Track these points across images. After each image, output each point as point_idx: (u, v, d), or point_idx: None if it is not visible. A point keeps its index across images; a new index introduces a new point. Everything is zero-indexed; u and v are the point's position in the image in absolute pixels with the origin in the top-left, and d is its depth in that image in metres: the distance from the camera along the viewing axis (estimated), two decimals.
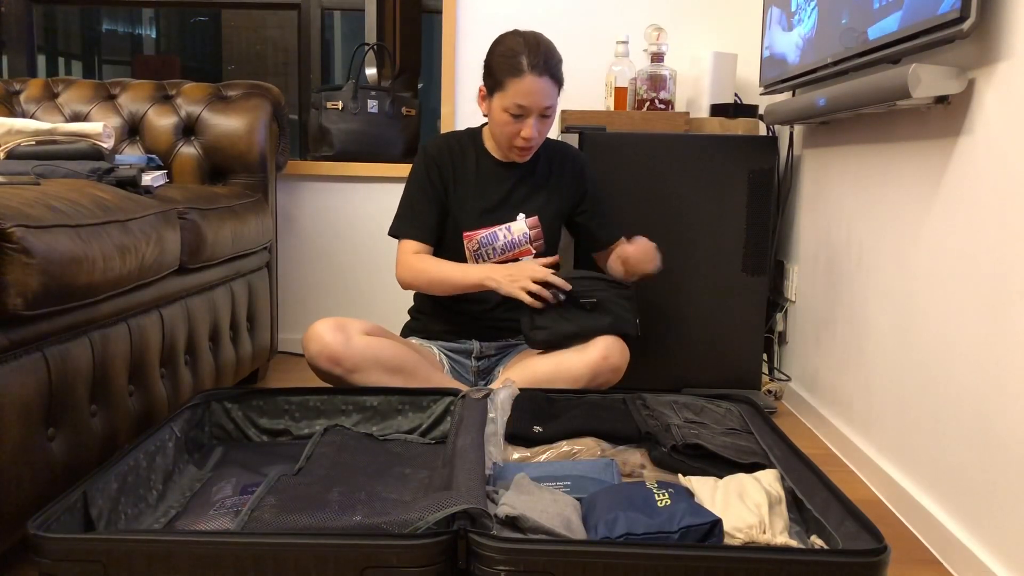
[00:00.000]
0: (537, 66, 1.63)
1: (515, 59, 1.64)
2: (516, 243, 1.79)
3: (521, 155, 1.75)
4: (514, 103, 1.65)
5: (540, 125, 1.70)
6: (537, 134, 1.69)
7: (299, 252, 2.63)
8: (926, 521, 1.40)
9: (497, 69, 1.67)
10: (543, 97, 1.65)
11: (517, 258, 1.79)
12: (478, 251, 1.78)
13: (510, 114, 1.67)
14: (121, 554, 0.95)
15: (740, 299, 2.13)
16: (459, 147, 1.82)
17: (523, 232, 1.79)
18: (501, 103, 1.67)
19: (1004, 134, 1.22)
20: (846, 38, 1.63)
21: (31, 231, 1.10)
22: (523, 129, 1.68)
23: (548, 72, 1.65)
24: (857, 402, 1.75)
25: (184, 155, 2.19)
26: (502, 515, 1.06)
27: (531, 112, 1.66)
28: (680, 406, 1.54)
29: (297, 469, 1.31)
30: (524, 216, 1.79)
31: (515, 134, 1.70)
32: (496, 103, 1.69)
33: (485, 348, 1.84)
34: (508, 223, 1.79)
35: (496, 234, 1.78)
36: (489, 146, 1.82)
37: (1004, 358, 1.20)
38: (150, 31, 4.40)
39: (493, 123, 1.73)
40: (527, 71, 1.63)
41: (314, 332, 1.63)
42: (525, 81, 1.63)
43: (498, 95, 1.68)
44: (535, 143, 1.72)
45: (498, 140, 1.75)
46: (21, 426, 1.10)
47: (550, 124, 1.73)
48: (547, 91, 1.66)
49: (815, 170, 2.09)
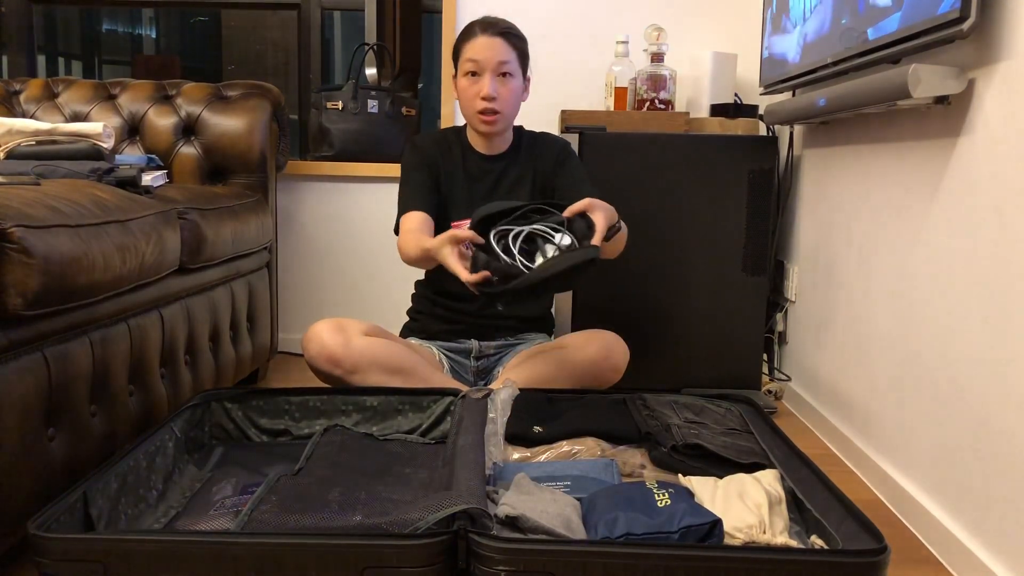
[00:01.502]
0: (488, 28, 1.71)
1: (470, 28, 1.74)
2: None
3: (487, 123, 1.73)
4: (468, 59, 1.70)
5: (500, 87, 1.71)
6: (495, 93, 1.70)
7: (299, 252, 2.63)
8: (926, 521, 1.40)
9: (455, 44, 1.75)
10: (495, 52, 1.69)
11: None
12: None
13: (468, 76, 1.71)
14: (121, 554, 0.95)
15: (740, 299, 2.13)
16: (445, 143, 1.84)
17: None
18: (461, 69, 1.73)
19: (1004, 134, 1.22)
20: (846, 38, 1.63)
21: (31, 231, 1.10)
22: (481, 88, 1.70)
23: (500, 33, 1.71)
24: (857, 402, 1.75)
25: (184, 155, 2.19)
26: (502, 515, 1.06)
27: (485, 68, 1.69)
28: (680, 406, 1.54)
29: (297, 469, 1.31)
30: None
31: (475, 96, 1.71)
32: (458, 74, 1.74)
33: (484, 348, 1.84)
34: None
35: None
36: (472, 140, 1.83)
37: (1004, 358, 1.20)
38: (150, 31, 4.40)
39: (459, 97, 1.76)
40: (479, 32, 1.71)
41: (313, 333, 1.63)
42: (477, 40, 1.71)
43: (458, 66, 1.74)
44: (498, 106, 1.71)
45: (465, 112, 1.76)
46: (21, 426, 1.10)
47: (512, 90, 1.73)
48: (499, 48, 1.70)
49: (815, 170, 2.09)
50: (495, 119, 1.73)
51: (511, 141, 1.84)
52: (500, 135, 1.80)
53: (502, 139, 1.83)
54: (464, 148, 1.84)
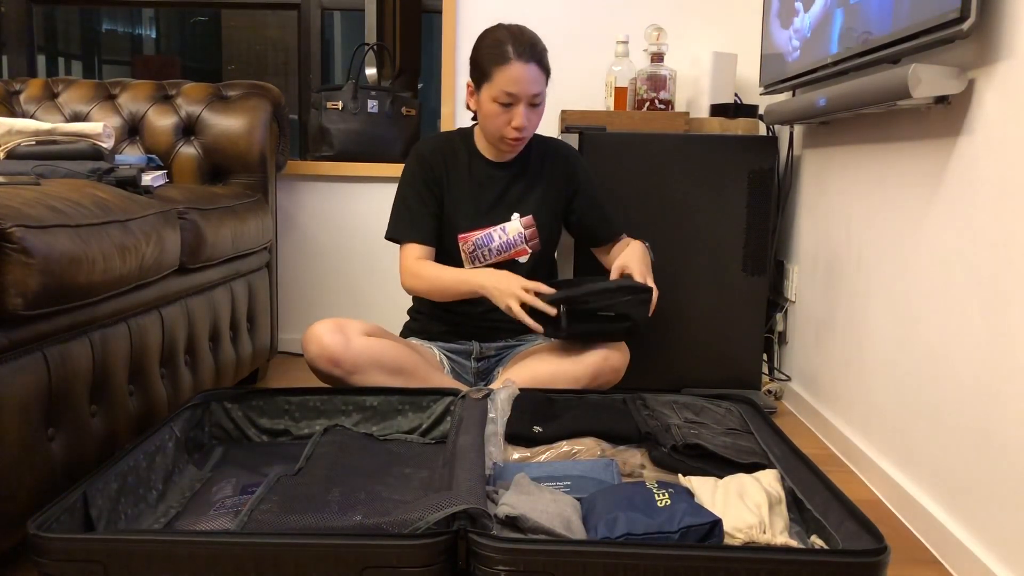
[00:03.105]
0: (523, 53, 1.63)
1: (501, 48, 1.64)
2: (511, 243, 1.78)
3: (512, 147, 1.73)
4: (502, 91, 1.64)
5: (530, 114, 1.68)
6: (527, 123, 1.68)
7: (299, 252, 2.63)
8: (926, 521, 1.40)
9: (484, 60, 1.66)
10: (531, 84, 1.65)
11: (514, 259, 1.79)
12: (473, 253, 1.78)
13: (499, 104, 1.66)
14: (121, 554, 0.95)
15: (740, 299, 2.13)
16: (451, 148, 1.80)
17: (518, 232, 1.78)
18: (490, 94, 1.66)
19: (1004, 134, 1.22)
20: (846, 38, 1.63)
21: (31, 231, 1.10)
22: (513, 118, 1.66)
23: (535, 59, 1.65)
24: (857, 402, 1.75)
25: (184, 155, 2.19)
26: (502, 515, 1.06)
27: (520, 99, 1.65)
28: (680, 406, 1.54)
29: (297, 469, 1.31)
30: (519, 216, 1.79)
31: (505, 124, 1.68)
32: (485, 95, 1.68)
33: (485, 349, 1.84)
34: (503, 224, 1.78)
35: (491, 235, 1.77)
36: (480, 146, 1.80)
37: (1004, 358, 1.20)
38: (150, 31, 4.40)
39: (483, 117, 1.71)
40: (514, 58, 1.63)
41: (313, 333, 1.62)
42: (512, 68, 1.63)
43: (486, 87, 1.67)
44: (526, 134, 1.70)
45: (489, 134, 1.73)
46: (21, 426, 1.10)
47: (540, 114, 1.72)
48: (535, 77, 1.65)
49: (815, 170, 2.09)
50: (520, 145, 1.73)
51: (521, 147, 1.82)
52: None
53: None
54: (471, 154, 1.80)
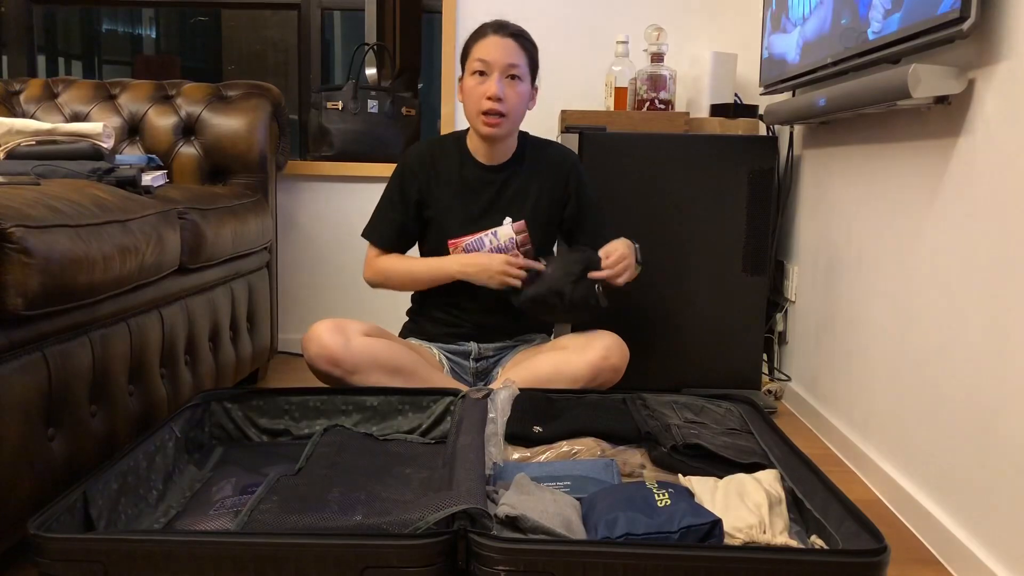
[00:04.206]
0: (500, 29, 1.70)
1: (480, 28, 1.72)
2: (503, 248, 1.75)
3: (489, 123, 1.69)
4: (477, 59, 1.68)
5: (507, 88, 1.68)
6: (502, 95, 1.67)
7: (299, 252, 2.63)
8: (926, 521, 1.40)
9: (465, 45, 1.74)
10: (505, 53, 1.67)
11: None
12: None
13: (476, 74, 1.69)
14: (121, 554, 0.95)
15: (740, 299, 2.13)
16: (442, 153, 1.79)
17: (509, 237, 1.75)
18: (468, 68, 1.71)
19: (1004, 134, 1.22)
20: (846, 38, 1.63)
21: (31, 231, 1.10)
22: (486, 87, 1.67)
23: (511, 35, 1.69)
24: (857, 402, 1.75)
25: (184, 155, 2.19)
26: (502, 515, 1.06)
27: (493, 68, 1.67)
28: (680, 406, 1.54)
29: (297, 469, 1.31)
30: (511, 221, 1.76)
31: (481, 96, 1.68)
32: (466, 74, 1.72)
33: (483, 350, 1.84)
34: (494, 228, 1.76)
35: (482, 240, 1.75)
36: (472, 147, 1.79)
37: (1004, 358, 1.20)
38: (150, 31, 4.40)
39: (464, 98, 1.74)
40: (490, 33, 1.70)
41: (313, 334, 1.62)
42: (488, 40, 1.69)
43: (467, 65, 1.72)
44: (504, 108, 1.68)
45: (469, 113, 1.73)
46: (21, 426, 1.10)
47: (521, 94, 1.70)
48: (510, 49, 1.68)
49: (815, 170, 2.09)
50: (499, 122, 1.69)
51: (514, 150, 1.79)
52: (502, 140, 1.76)
53: (504, 147, 1.77)
54: (463, 156, 1.79)
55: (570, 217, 1.82)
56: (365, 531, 1.05)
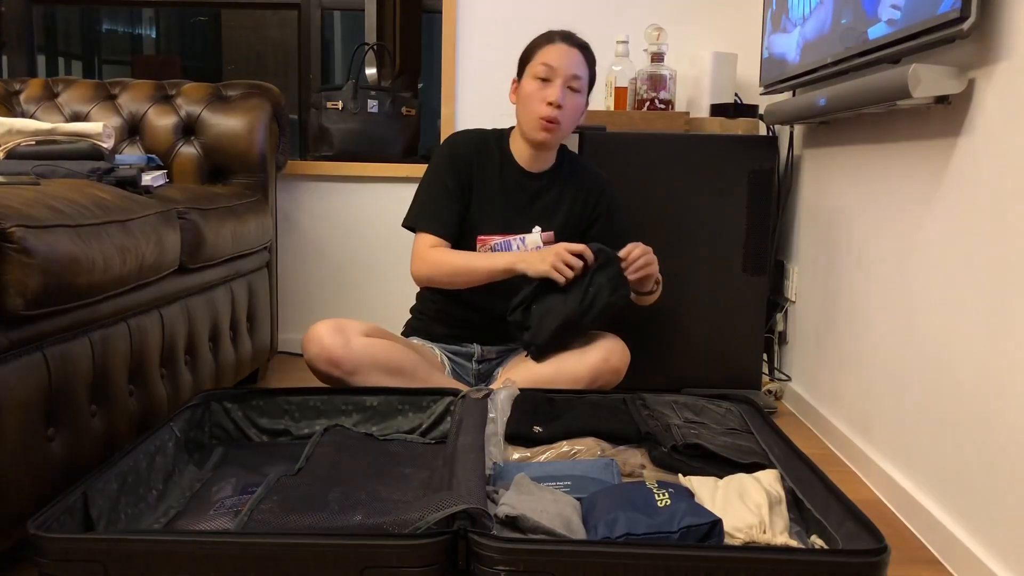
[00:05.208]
0: (567, 38, 1.70)
1: (547, 34, 1.72)
2: None
3: (546, 129, 1.68)
4: (542, 63, 1.67)
5: (567, 98, 1.67)
6: (563, 103, 1.66)
7: (299, 252, 2.63)
8: (926, 521, 1.40)
9: (529, 47, 1.73)
10: (571, 63, 1.67)
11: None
12: None
13: (538, 79, 1.67)
14: (121, 554, 0.95)
15: (740, 299, 2.13)
16: (486, 147, 1.78)
17: (536, 246, 1.75)
18: (531, 72, 1.69)
19: (1004, 134, 1.22)
20: (846, 38, 1.63)
21: (31, 231, 1.10)
22: (549, 93, 1.66)
23: (578, 46, 1.70)
24: (857, 402, 1.75)
25: (184, 155, 2.19)
26: (502, 515, 1.06)
27: (558, 74, 1.66)
28: (680, 406, 1.54)
29: (297, 469, 1.31)
30: (540, 230, 1.77)
31: (541, 101, 1.66)
32: (526, 76, 1.71)
33: (486, 352, 1.84)
34: (523, 234, 1.76)
35: (510, 243, 1.75)
36: (515, 150, 1.78)
37: (1004, 358, 1.20)
38: (150, 31, 4.40)
39: (521, 100, 1.71)
40: (557, 39, 1.69)
41: (313, 334, 1.62)
42: (555, 46, 1.69)
43: (528, 68, 1.71)
44: (562, 119, 1.67)
45: (525, 117, 1.70)
46: (21, 426, 1.10)
47: (578, 108, 1.71)
48: (575, 59, 1.68)
49: (815, 170, 2.09)
50: (555, 128, 1.68)
51: (553, 161, 1.80)
52: (550, 149, 1.76)
53: (547, 156, 1.78)
54: (504, 156, 1.78)
55: (594, 237, 1.78)
56: (365, 531, 1.05)
